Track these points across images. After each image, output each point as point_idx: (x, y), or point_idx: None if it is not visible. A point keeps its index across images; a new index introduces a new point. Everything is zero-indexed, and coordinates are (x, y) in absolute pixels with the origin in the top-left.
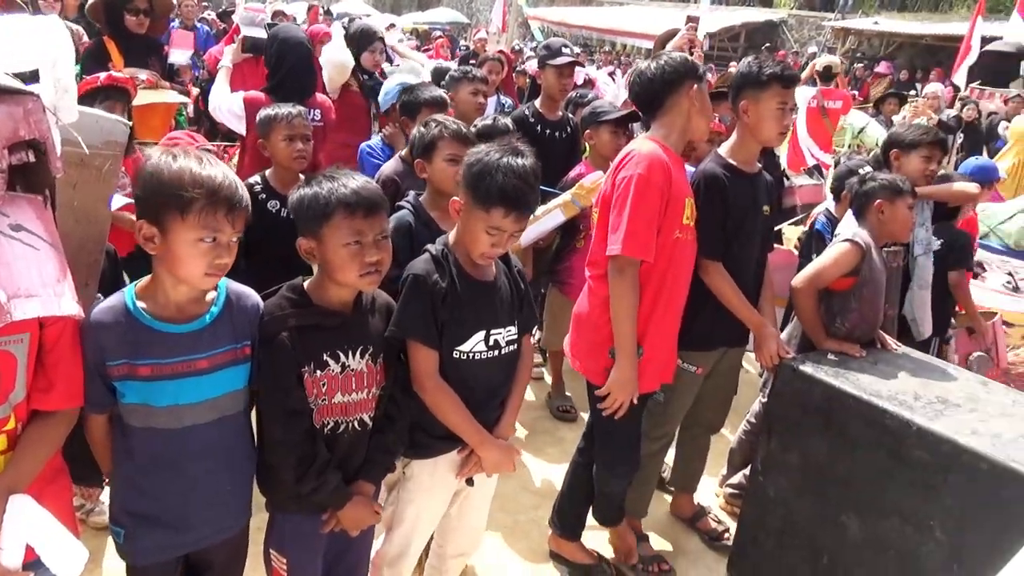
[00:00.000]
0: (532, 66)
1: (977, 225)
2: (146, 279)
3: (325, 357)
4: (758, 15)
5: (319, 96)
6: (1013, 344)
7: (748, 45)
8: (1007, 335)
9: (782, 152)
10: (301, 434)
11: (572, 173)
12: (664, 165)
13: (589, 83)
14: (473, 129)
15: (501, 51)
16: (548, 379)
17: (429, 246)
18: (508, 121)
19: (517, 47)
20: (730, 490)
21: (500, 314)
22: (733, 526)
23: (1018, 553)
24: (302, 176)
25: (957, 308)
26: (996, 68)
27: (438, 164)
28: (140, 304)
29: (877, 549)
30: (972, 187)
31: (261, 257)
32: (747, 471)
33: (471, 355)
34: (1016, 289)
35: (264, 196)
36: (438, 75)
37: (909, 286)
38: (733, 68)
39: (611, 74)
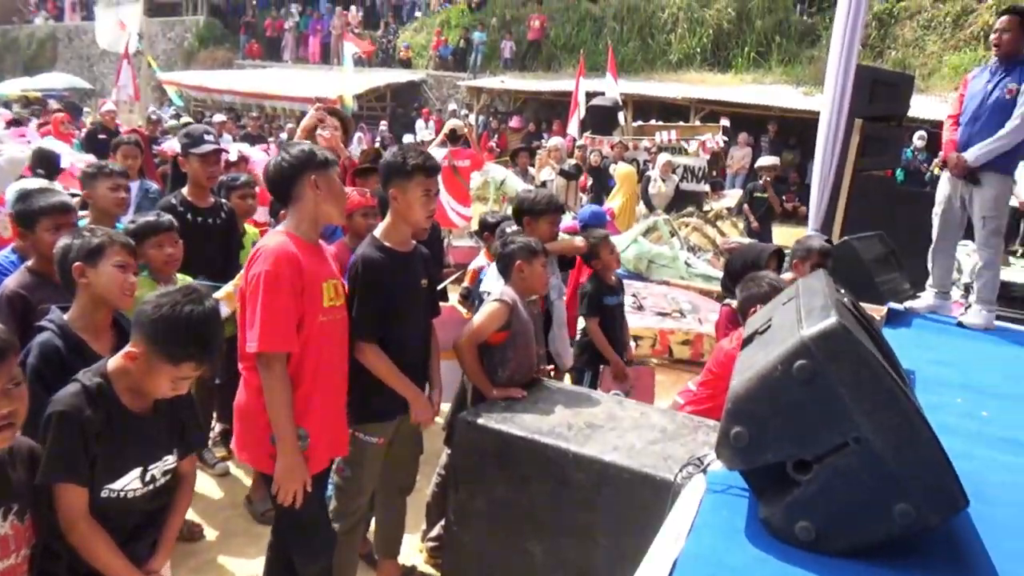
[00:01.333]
0: (172, 146)
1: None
2: None
3: None
4: (400, 76)
5: None
6: (643, 355)
7: (395, 104)
8: (637, 346)
9: None
10: None
11: None
12: (292, 257)
13: (243, 160)
14: (131, 226)
15: (136, 129)
16: (233, 472)
17: (80, 376)
18: (171, 217)
19: (154, 116)
20: (431, 543)
21: (159, 447)
22: None
23: (652, 544)
24: None
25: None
26: (601, 119)
27: (106, 269)
28: None
29: (558, 567)
30: (579, 241)
31: None
32: (444, 522)
33: (123, 493)
34: (640, 307)
35: None
36: (42, 160)
37: (551, 326)
38: (383, 127)
39: (266, 149)
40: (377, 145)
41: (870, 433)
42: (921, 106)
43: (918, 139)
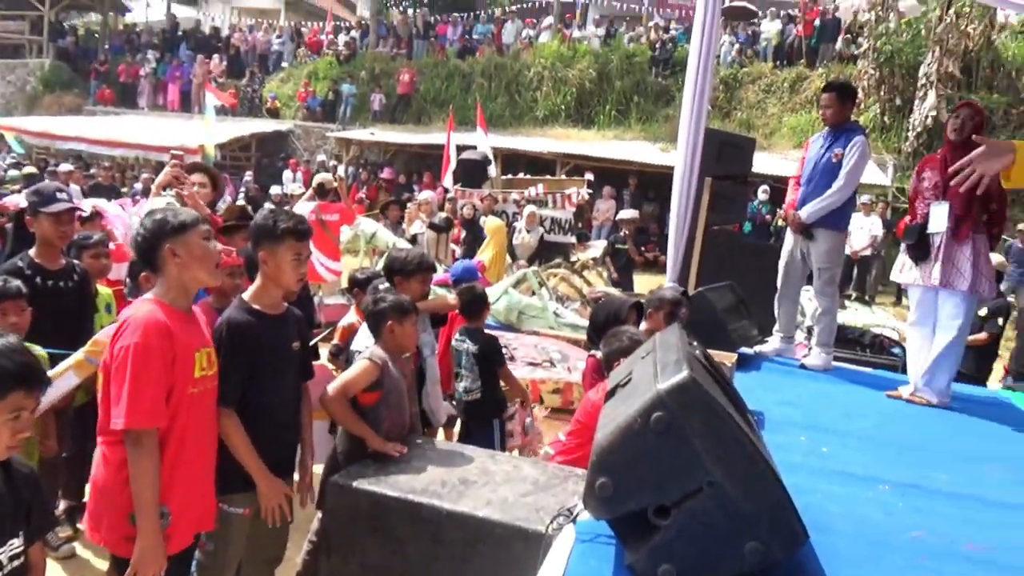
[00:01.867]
0: (15, 200)
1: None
2: None
3: None
4: (266, 126)
5: None
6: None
7: (261, 154)
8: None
9: None
10: None
11: None
12: (162, 327)
13: (98, 215)
14: None
15: None
16: (80, 554)
17: None
18: (18, 283)
19: None
20: None
21: (2, 531)
22: None
23: None
24: None
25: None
26: (471, 172)
27: None
28: None
29: None
30: (452, 298)
31: None
32: None
33: None
34: (512, 358)
35: None
36: None
37: (424, 383)
38: (248, 177)
39: (122, 205)
40: (241, 199)
41: (721, 477)
42: (764, 163)
43: (762, 193)
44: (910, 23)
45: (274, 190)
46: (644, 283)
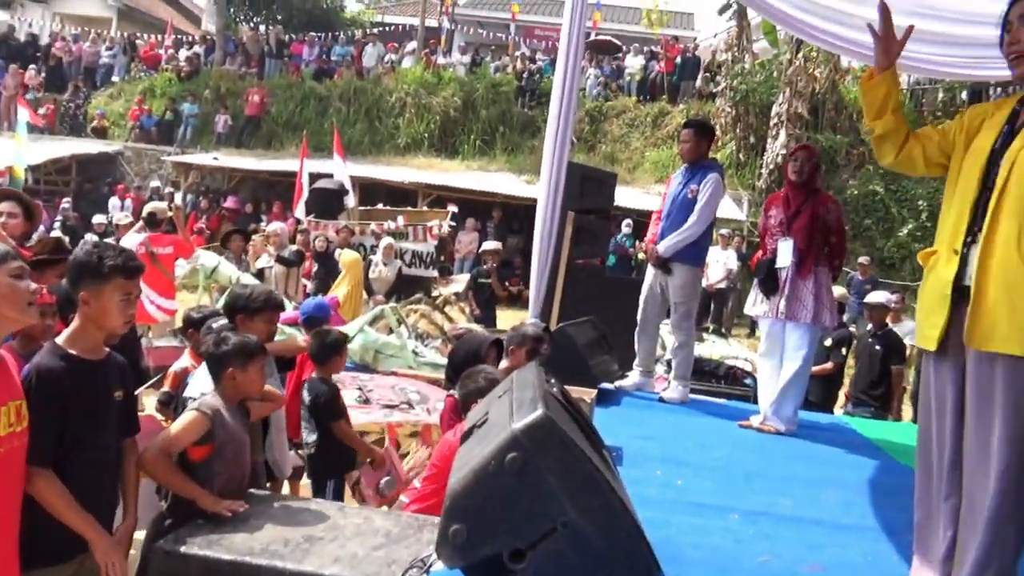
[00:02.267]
0: None
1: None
2: None
3: None
4: (91, 146)
5: None
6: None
7: (83, 178)
8: None
9: None
10: None
11: None
12: None
13: None
14: None
15: None
16: None
17: None
18: None
19: None
20: None
21: None
22: None
23: None
24: None
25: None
26: (326, 202)
27: None
28: None
29: None
30: (302, 342)
31: None
32: None
33: None
34: (367, 401)
35: None
36: None
37: (268, 432)
38: (67, 204)
39: None
40: (58, 230)
41: (575, 516)
42: (627, 196)
43: (625, 226)
44: (764, 64)
45: (97, 219)
46: (508, 318)
